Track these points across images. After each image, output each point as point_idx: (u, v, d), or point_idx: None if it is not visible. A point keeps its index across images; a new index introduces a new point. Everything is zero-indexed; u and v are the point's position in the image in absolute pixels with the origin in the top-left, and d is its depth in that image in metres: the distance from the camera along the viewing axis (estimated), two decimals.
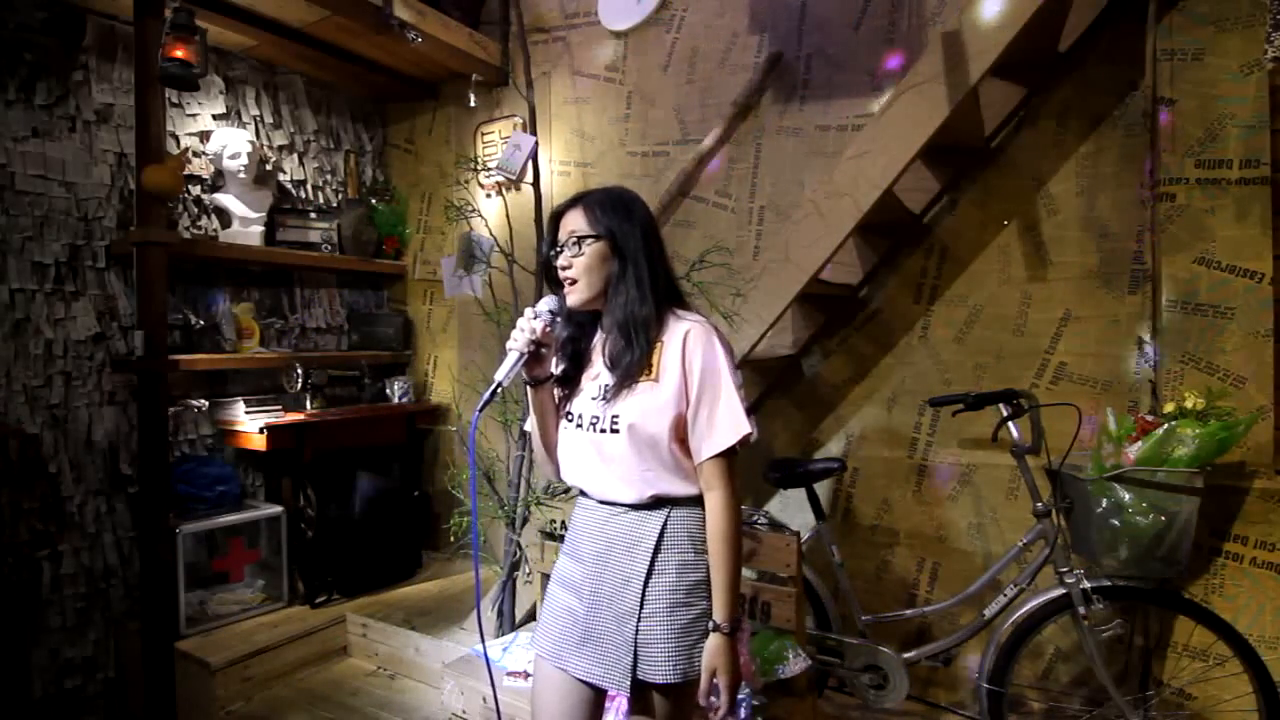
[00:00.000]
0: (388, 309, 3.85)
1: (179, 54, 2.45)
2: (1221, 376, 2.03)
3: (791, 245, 2.23)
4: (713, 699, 1.26)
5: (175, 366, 2.66)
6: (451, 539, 3.00)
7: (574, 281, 1.33)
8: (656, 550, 1.29)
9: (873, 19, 2.65)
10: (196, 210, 3.08)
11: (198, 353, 2.89)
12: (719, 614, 1.27)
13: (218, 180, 3.11)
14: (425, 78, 3.60)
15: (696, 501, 1.33)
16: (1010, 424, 2.06)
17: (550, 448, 1.44)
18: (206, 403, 3.06)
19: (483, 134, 3.56)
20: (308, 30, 2.99)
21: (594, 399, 1.34)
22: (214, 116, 3.14)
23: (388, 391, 3.55)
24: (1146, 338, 2.23)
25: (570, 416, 1.38)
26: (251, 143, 3.09)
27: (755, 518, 2.31)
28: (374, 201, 3.71)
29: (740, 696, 1.86)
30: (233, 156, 3.03)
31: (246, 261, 3.17)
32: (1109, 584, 1.94)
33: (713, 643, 1.26)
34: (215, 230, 3.12)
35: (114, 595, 2.75)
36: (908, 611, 2.38)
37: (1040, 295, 2.42)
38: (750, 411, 1.30)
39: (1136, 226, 2.27)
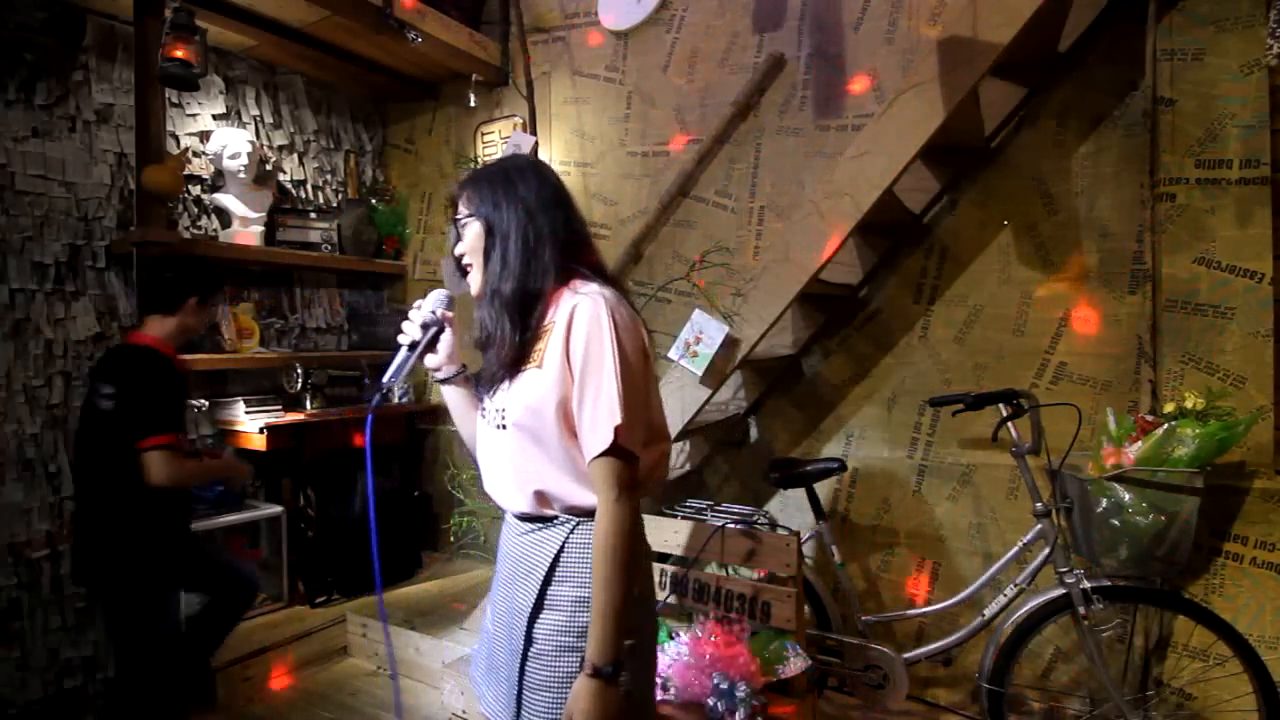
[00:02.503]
0: (388, 309, 3.85)
1: (179, 54, 2.45)
2: (1221, 376, 2.03)
3: (791, 245, 2.23)
4: None
5: None
6: (451, 539, 3.00)
7: (470, 267, 1.23)
8: (548, 580, 1.12)
9: (873, 19, 2.65)
10: (196, 210, 3.08)
11: (198, 353, 2.89)
12: (591, 649, 1.03)
13: (218, 180, 3.11)
14: (425, 78, 3.60)
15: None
16: (1010, 424, 2.06)
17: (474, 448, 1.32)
18: (206, 403, 3.06)
19: (483, 134, 3.56)
20: (308, 30, 2.99)
21: (492, 390, 1.22)
22: (214, 116, 3.14)
23: (388, 392, 3.55)
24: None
25: (483, 411, 1.24)
26: (251, 143, 3.09)
27: (755, 518, 2.31)
28: (374, 201, 3.71)
29: (740, 696, 1.86)
30: (233, 156, 3.03)
31: (246, 261, 3.17)
32: (1109, 584, 1.94)
33: (577, 687, 1.03)
34: (215, 230, 3.12)
35: None
36: (908, 611, 2.39)
37: (1040, 295, 2.42)
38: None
39: (1136, 226, 2.27)
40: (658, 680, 1.88)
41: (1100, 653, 1.94)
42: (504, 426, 1.16)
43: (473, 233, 1.21)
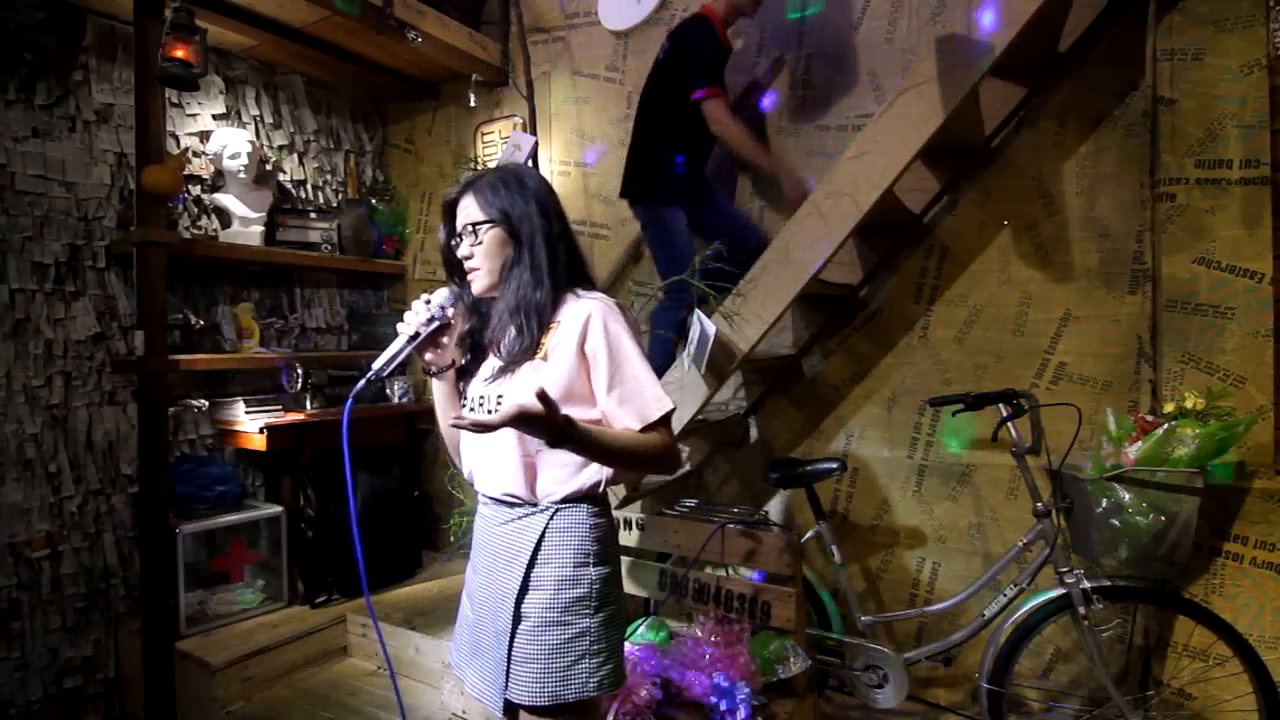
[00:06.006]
0: (388, 309, 3.85)
1: (179, 54, 2.45)
2: (1221, 376, 2.03)
3: (791, 245, 2.23)
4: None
5: (175, 366, 2.66)
6: (451, 539, 3.00)
7: (476, 270, 1.29)
8: (532, 563, 1.23)
9: (872, 19, 2.65)
10: (196, 210, 3.08)
11: (198, 353, 2.89)
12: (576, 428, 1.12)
13: (218, 180, 3.11)
14: (425, 78, 3.60)
15: (584, 501, 1.27)
16: (1010, 424, 2.06)
17: (455, 442, 1.41)
18: (206, 403, 3.06)
19: (483, 134, 3.56)
20: (308, 30, 2.99)
21: (484, 380, 1.31)
22: (214, 116, 3.14)
23: (388, 391, 3.55)
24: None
25: (465, 402, 1.34)
26: (251, 143, 3.09)
27: (755, 518, 2.31)
28: (374, 201, 3.71)
29: (740, 696, 1.86)
30: (233, 156, 3.03)
31: (246, 261, 3.17)
32: (1109, 584, 1.94)
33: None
34: (215, 230, 3.12)
35: (114, 595, 2.75)
36: (908, 611, 2.39)
37: (1040, 295, 2.42)
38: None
39: (1136, 226, 2.27)
40: (656, 680, 1.90)
41: (1100, 653, 1.94)
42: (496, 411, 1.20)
43: (492, 237, 1.28)
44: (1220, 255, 2.04)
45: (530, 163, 2.93)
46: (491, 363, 1.32)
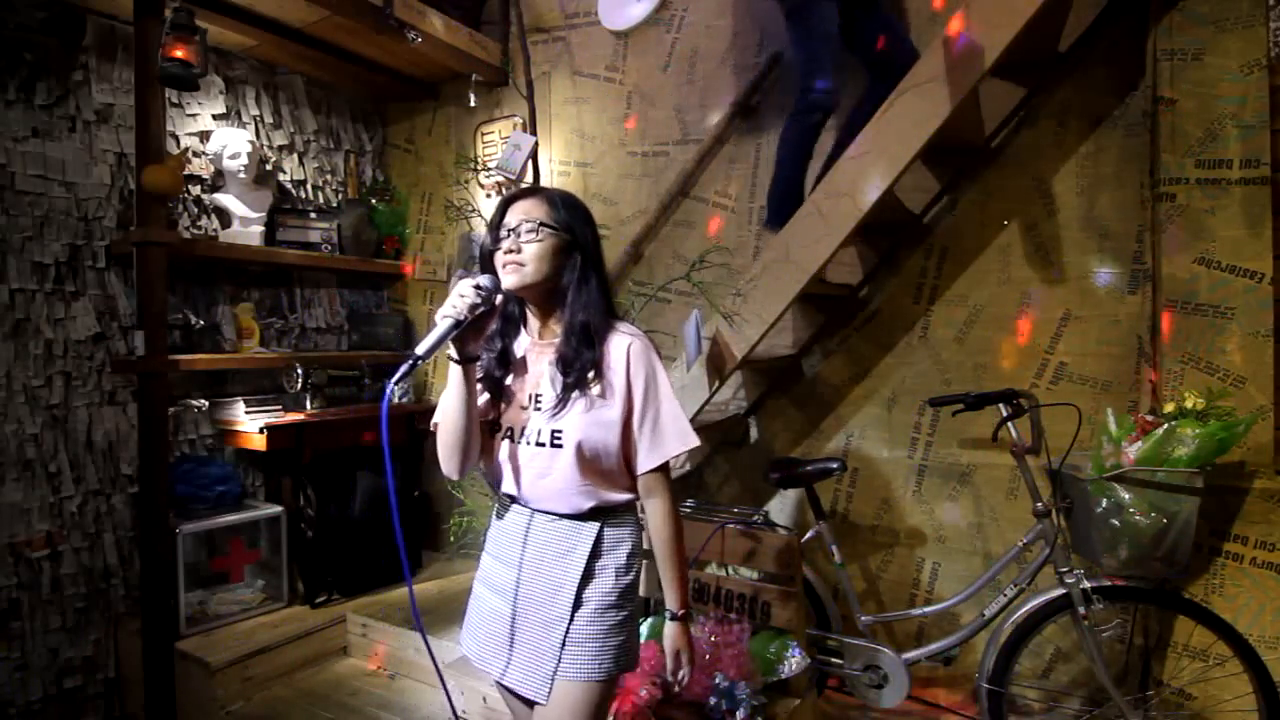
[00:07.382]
0: (388, 309, 3.85)
1: (179, 54, 2.45)
2: (1221, 376, 2.03)
3: (791, 245, 2.23)
4: (680, 675, 1.39)
5: (175, 366, 2.66)
6: (451, 539, 3.00)
7: (520, 265, 1.26)
8: (594, 555, 1.31)
9: None
10: (196, 210, 3.08)
11: (198, 353, 2.89)
12: (674, 604, 1.37)
13: (218, 180, 3.11)
14: (425, 78, 3.60)
15: (629, 508, 1.37)
16: (1010, 424, 2.06)
17: (464, 436, 1.30)
18: (206, 403, 3.06)
19: (483, 134, 3.56)
20: (308, 30, 2.99)
21: (525, 409, 1.32)
22: (214, 116, 3.14)
23: (388, 392, 3.55)
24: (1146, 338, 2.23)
25: (499, 428, 1.35)
26: (251, 143, 3.09)
27: (755, 518, 2.31)
28: (374, 201, 3.71)
29: (740, 696, 1.86)
30: (233, 156, 3.03)
31: (246, 261, 3.17)
32: (1109, 584, 1.94)
33: (674, 629, 1.37)
34: (215, 230, 3.12)
35: (114, 595, 2.75)
36: (908, 611, 2.39)
37: (1040, 295, 2.42)
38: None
39: (1136, 226, 2.27)
40: (656, 680, 1.90)
41: (1100, 653, 1.94)
42: (554, 445, 1.28)
43: (551, 244, 1.28)
44: (1220, 255, 2.04)
45: (530, 163, 2.92)
46: (535, 383, 1.33)
